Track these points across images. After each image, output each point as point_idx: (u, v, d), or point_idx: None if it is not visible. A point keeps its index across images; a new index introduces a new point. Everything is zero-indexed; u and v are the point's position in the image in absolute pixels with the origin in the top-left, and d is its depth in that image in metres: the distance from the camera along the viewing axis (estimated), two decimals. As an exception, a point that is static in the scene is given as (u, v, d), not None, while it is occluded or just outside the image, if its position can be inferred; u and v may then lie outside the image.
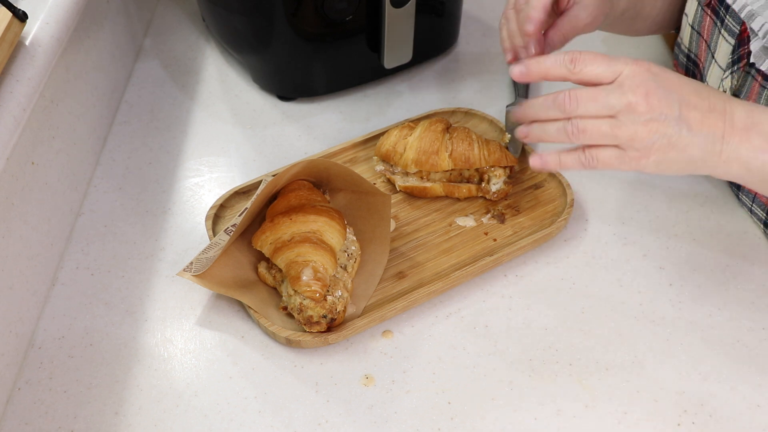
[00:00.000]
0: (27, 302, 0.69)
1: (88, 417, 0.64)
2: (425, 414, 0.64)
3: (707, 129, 0.58)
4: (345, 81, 0.96)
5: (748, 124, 0.59)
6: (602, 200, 0.82)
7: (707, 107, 0.59)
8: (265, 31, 0.88)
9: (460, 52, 1.04)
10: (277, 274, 0.71)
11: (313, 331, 0.67)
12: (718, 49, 0.74)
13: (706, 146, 0.59)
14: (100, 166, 0.87)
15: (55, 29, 0.72)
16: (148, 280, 0.75)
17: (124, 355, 0.68)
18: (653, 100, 0.57)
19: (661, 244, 0.77)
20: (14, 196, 0.67)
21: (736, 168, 0.60)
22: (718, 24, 0.73)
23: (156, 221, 0.80)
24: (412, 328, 0.70)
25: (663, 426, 0.63)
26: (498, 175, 0.80)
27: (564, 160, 0.62)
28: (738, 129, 0.59)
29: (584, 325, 0.70)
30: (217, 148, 0.90)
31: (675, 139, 0.58)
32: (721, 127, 0.59)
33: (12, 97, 0.64)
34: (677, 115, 0.58)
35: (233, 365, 0.68)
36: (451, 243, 0.77)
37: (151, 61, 1.02)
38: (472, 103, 0.95)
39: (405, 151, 0.81)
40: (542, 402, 0.65)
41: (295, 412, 0.64)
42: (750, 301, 0.72)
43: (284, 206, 0.73)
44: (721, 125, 0.59)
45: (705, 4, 0.76)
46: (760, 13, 0.68)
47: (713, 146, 0.59)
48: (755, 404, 0.64)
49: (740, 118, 0.59)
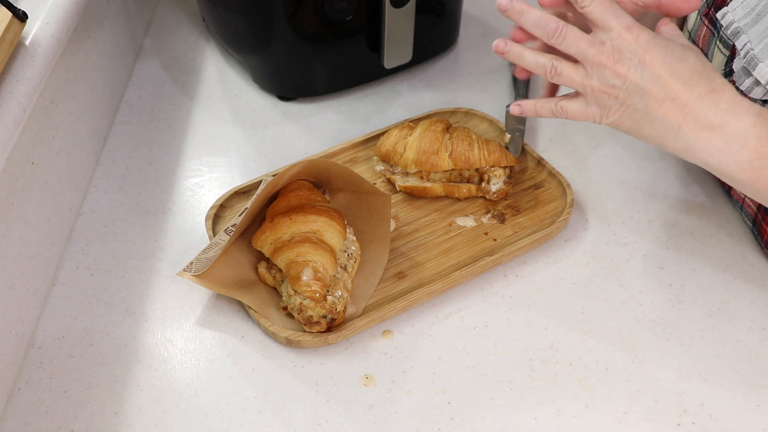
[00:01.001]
0: (27, 302, 0.69)
1: (88, 417, 0.64)
2: (425, 414, 0.64)
3: (662, 115, 0.60)
4: (345, 81, 0.96)
5: (713, 123, 0.59)
6: (602, 200, 0.82)
7: (674, 93, 0.59)
8: (265, 31, 0.88)
9: (460, 52, 1.04)
10: (277, 274, 0.71)
11: (313, 331, 0.67)
12: (713, 59, 0.74)
13: (660, 130, 0.61)
14: (100, 166, 0.87)
15: (55, 29, 0.72)
16: (148, 280, 0.75)
17: (124, 355, 0.68)
18: (621, 68, 0.60)
19: (661, 244, 0.77)
20: (14, 196, 0.67)
21: (692, 158, 0.61)
22: (715, 34, 0.73)
23: (156, 221, 0.80)
24: (412, 328, 0.70)
25: (663, 426, 0.63)
26: (498, 175, 0.80)
27: (539, 108, 0.68)
28: (699, 125, 0.59)
29: (584, 325, 0.70)
30: (217, 148, 0.90)
31: (631, 111, 0.62)
32: (678, 119, 0.60)
33: (12, 97, 0.64)
34: (641, 89, 0.60)
35: (233, 365, 0.68)
36: (451, 243, 0.77)
37: (151, 61, 1.02)
38: (472, 103, 0.95)
39: (405, 151, 0.81)
40: (542, 402, 0.65)
41: (295, 412, 0.64)
42: (750, 301, 0.72)
43: (284, 206, 0.73)
44: (679, 117, 0.60)
45: (703, 13, 0.76)
46: (745, 31, 0.67)
47: (667, 132, 0.61)
48: (755, 404, 0.64)
49: (707, 114, 0.59)
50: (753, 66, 0.64)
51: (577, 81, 0.63)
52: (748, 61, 0.65)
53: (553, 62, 0.64)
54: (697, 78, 0.59)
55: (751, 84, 0.65)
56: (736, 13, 0.69)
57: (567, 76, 0.64)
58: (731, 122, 0.59)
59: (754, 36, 0.66)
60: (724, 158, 0.60)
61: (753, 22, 0.67)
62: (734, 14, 0.69)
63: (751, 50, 0.65)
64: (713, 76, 0.60)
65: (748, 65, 0.65)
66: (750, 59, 0.65)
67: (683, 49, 0.60)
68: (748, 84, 0.66)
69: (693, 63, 0.60)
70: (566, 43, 0.62)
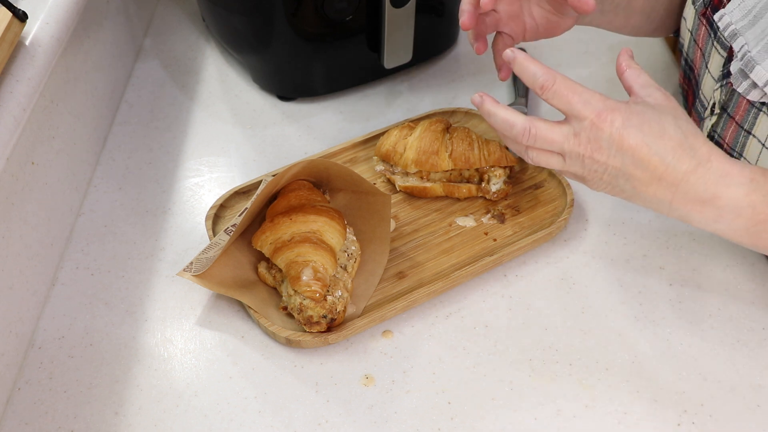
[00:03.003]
0: (27, 302, 0.69)
1: (88, 417, 0.64)
2: (425, 414, 0.64)
3: (652, 194, 0.59)
4: (345, 81, 0.96)
5: (704, 198, 0.58)
6: (602, 200, 0.82)
7: (659, 174, 0.58)
8: (265, 31, 0.88)
9: (460, 52, 1.04)
10: (277, 274, 0.71)
11: (313, 331, 0.67)
12: (711, 59, 0.74)
13: (652, 205, 0.61)
14: (100, 166, 0.87)
15: (55, 29, 0.72)
16: (148, 280, 0.75)
17: (124, 355, 0.68)
18: (600, 157, 0.59)
19: (661, 244, 0.77)
20: (14, 196, 0.67)
21: (687, 223, 0.61)
22: (712, 35, 0.73)
23: (156, 221, 0.80)
24: (412, 328, 0.70)
25: (663, 426, 0.63)
26: (498, 175, 0.80)
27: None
28: (690, 200, 0.59)
29: (584, 325, 0.70)
30: (217, 148, 0.90)
31: (618, 191, 0.61)
32: (668, 196, 0.59)
33: (12, 97, 0.64)
34: (625, 173, 0.59)
35: (233, 365, 0.68)
36: (451, 243, 0.77)
37: (151, 61, 1.02)
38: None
39: (405, 151, 0.81)
40: (542, 402, 0.65)
41: (295, 412, 0.64)
42: (750, 301, 0.72)
43: (284, 206, 0.73)
44: (668, 195, 0.59)
45: (701, 13, 0.75)
46: (743, 33, 0.67)
47: (659, 206, 0.61)
48: (755, 404, 0.64)
49: (697, 191, 0.58)
50: (750, 68, 0.64)
51: (559, 168, 0.62)
52: (746, 63, 0.65)
53: (529, 154, 0.62)
54: (680, 153, 0.58)
55: (749, 86, 0.65)
56: (734, 15, 0.68)
57: (547, 163, 0.62)
58: (722, 194, 0.58)
59: (751, 38, 0.66)
60: (720, 227, 0.60)
61: (750, 23, 0.66)
62: (731, 16, 0.69)
63: (749, 52, 0.65)
64: (696, 144, 0.58)
65: (745, 67, 0.65)
66: (747, 61, 0.65)
67: (659, 120, 0.58)
68: (746, 86, 0.65)
69: (673, 135, 0.58)
70: (539, 142, 0.61)
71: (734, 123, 0.69)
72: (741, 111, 0.68)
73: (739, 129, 0.68)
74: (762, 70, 0.63)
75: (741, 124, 0.68)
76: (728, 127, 0.70)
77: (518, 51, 0.62)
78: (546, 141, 0.60)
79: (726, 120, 0.70)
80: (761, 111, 0.65)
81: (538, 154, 0.62)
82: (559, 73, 0.60)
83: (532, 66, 0.60)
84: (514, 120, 0.61)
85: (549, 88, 0.59)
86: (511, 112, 0.62)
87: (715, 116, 0.71)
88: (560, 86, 0.59)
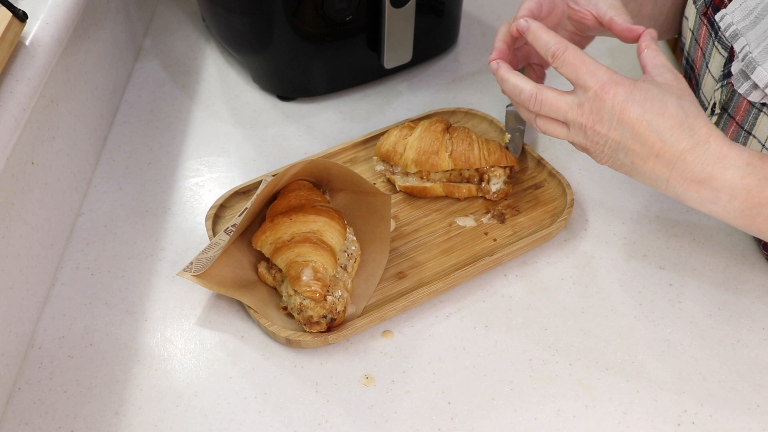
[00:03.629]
0: (27, 302, 0.69)
1: (88, 417, 0.64)
2: (425, 414, 0.64)
3: (649, 170, 0.61)
4: (345, 81, 0.96)
5: (701, 178, 0.59)
6: (602, 200, 0.82)
7: (657, 150, 0.59)
8: (265, 31, 0.88)
9: (460, 52, 1.04)
10: (277, 274, 0.71)
11: (313, 331, 0.67)
12: (711, 59, 0.74)
13: (650, 181, 0.62)
14: (100, 166, 0.87)
15: (55, 29, 0.72)
16: (148, 280, 0.75)
17: (124, 355, 0.68)
18: (601, 129, 0.61)
19: (661, 244, 0.77)
20: (14, 196, 0.67)
21: (685, 204, 0.62)
22: (713, 35, 0.73)
23: (156, 221, 0.80)
24: (412, 328, 0.70)
25: (663, 426, 0.63)
26: (498, 175, 0.80)
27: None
28: (687, 179, 0.60)
29: (584, 325, 0.70)
30: (217, 148, 0.90)
31: (619, 164, 0.63)
32: (665, 173, 0.60)
33: (12, 97, 0.64)
34: (624, 147, 0.61)
35: (233, 365, 0.68)
36: (451, 243, 0.77)
37: (151, 61, 1.02)
38: (472, 103, 0.95)
39: (405, 151, 0.81)
40: (542, 402, 0.65)
41: (295, 412, 0.64)
42: (750, 301, 0.72)
43: (284, 206, 0.73)
44: (666, 172, 0.60)
45: (702, 13, 0.75)
46: (744, 33, 0.67)
47: (657, 183, 0.62)
48: (755, 404, 0.64)
49: (694, 169, 0.59)
50: (751, 69, 0.64)
51: (564, 137, 0.64)
52: (747, 64, 0.65)
53: (537, 122, 0.65)
54: (679, 132, 0.59)
55: (750, 87, 0.65)
56: (735, 15, 0.68)
57: (553, 132, 0.65)
58: (719, 175, 0.58)
59: (752, 39, 0.66)
60: (715, 208, 0.60)
61: (751, 24, 0.66)
62: (733, 16, 0.69)
63: (750, 53, 0.65)
64: (697, 125, 0.59)
65: (746, 68, 0.65)
66: (748, 62, 0.65)
67: (662, 98, 0.59)
68: (746, 87, 0.65)
69: (674, 114, 0.59)
70: (545, 109, 0.63)
71: (734, 123, 0.69)
72: (741, 111, 0.68)
73: (740, 129, 0.68)
74: (763, 71, 0.63)
75: (741, 125, 0.68)
76: (728, 128, 0.70)
77: (532, 20, 0.65)
78: (552, 108, 0.62)
79: (726, 120, 0.70)
80: (762, 111, 0.65)
81: (545, 123, 0.64)
82: (571, 43, 0.62)
83: (545, 35, 0.63)
84: (523, 86, 0.64)
85: (559, 57, 0.62)
86: (522, 79, 0.65)
87: (716, 116, 0.71)
88: (570, 55, 0.61)
